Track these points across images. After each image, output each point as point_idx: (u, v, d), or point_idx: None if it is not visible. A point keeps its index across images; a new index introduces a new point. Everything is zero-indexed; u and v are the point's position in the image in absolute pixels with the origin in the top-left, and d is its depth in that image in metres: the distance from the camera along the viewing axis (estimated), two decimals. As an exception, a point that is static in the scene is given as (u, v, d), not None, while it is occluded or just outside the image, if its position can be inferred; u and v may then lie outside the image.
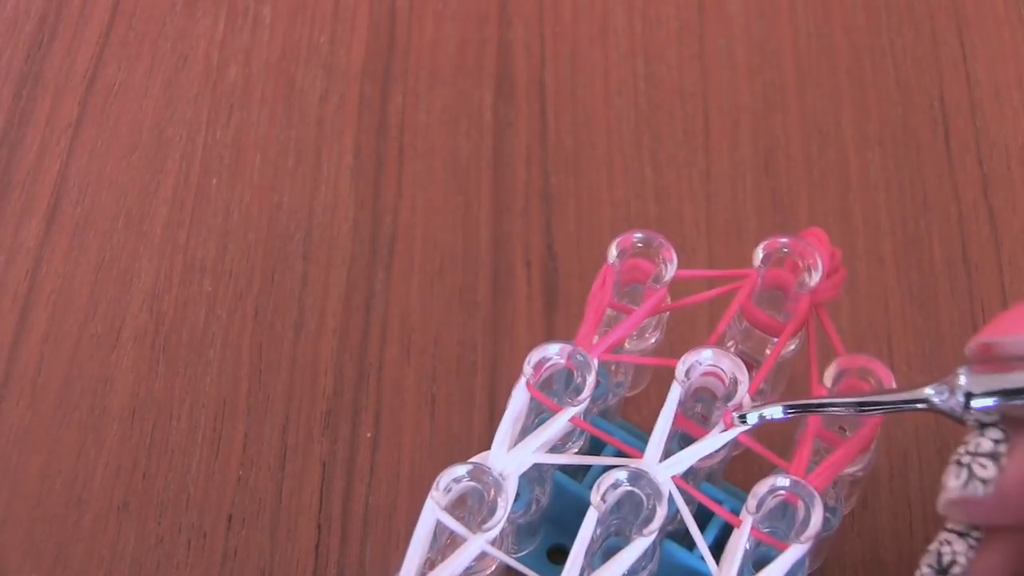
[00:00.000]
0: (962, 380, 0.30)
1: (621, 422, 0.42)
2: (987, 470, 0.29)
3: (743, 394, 0.33)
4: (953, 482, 0.29)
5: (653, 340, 0.39)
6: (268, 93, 0.53)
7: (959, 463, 0.30)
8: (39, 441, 0.45)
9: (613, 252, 0.36)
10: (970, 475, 0.29)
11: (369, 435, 0.45)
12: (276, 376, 0.46)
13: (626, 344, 0.39)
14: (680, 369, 0.34)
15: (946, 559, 0.30)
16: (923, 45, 0.54)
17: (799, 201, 0.50)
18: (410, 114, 0.52)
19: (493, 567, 0.33)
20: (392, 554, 0.43)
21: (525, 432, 0.34)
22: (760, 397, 0.40)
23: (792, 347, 0.38)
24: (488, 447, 0.34)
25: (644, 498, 0.32)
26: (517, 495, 0.35)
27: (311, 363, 0.46)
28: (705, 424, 0.36)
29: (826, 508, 0.33)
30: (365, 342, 0.47)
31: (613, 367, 0.39)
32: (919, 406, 0.31)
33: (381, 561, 0.42)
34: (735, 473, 0.42)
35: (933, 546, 0.30)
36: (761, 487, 0.32)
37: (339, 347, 0.47)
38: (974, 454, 0.29)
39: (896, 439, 0.44)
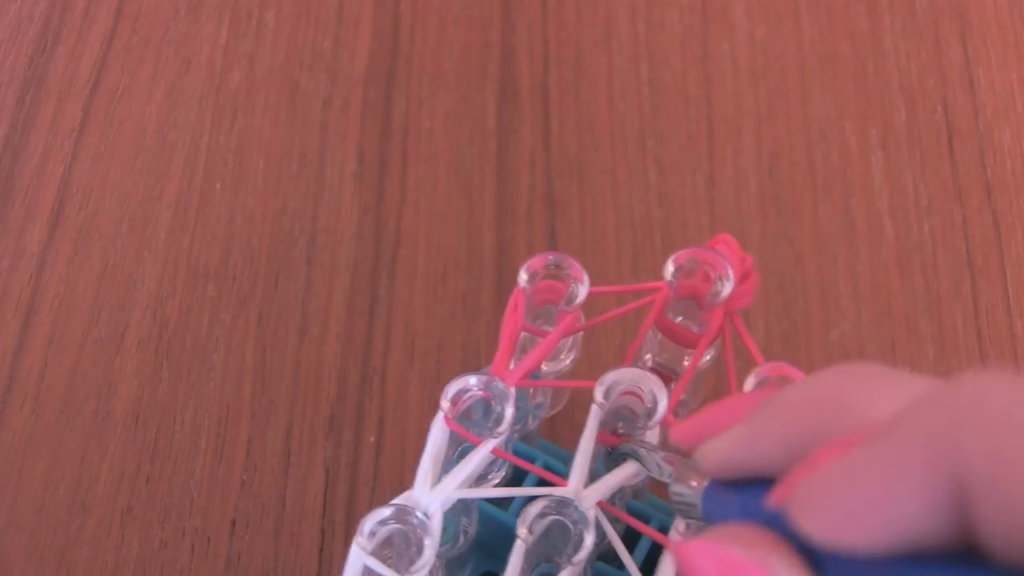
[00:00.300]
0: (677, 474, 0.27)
1: (543, 443, 0.42)
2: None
3: (663, 411, 0.33)
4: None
5: (569, 360, 0.39)
6: (271, 98, 0.53)
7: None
8: (43, 446, 0.45)
9: (523, 276, 0.36)
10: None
11: (373, 440, 0.45)
12: (280, 381, 0.46)
13: (543, 367, 0.38)
14: (598, 392, 0.33)
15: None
16: (926, 50, 0.54)
17: (803, 206, 0.50)
18: (414, 119, 0.52)
19: None
20: (396, 559, 0.43)
21: (448, 463, 0.34)
22: (681, 409, 0.40)
23: (708, 357, 0.38)
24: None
25: (571, 526, 0.32)
26: (444, 529, 0.34)
27: (315, 368, 0.46)
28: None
29: None
30: (369, 347, 0.47)
31: (531, 390, 0.39)
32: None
33: (385, 566, 0.42)
34: (661, 486, 0.42)
35: None
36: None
37: (343, 352, 0.47)
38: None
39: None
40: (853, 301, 0.47)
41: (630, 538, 0.34)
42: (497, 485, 0.35)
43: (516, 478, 0.37)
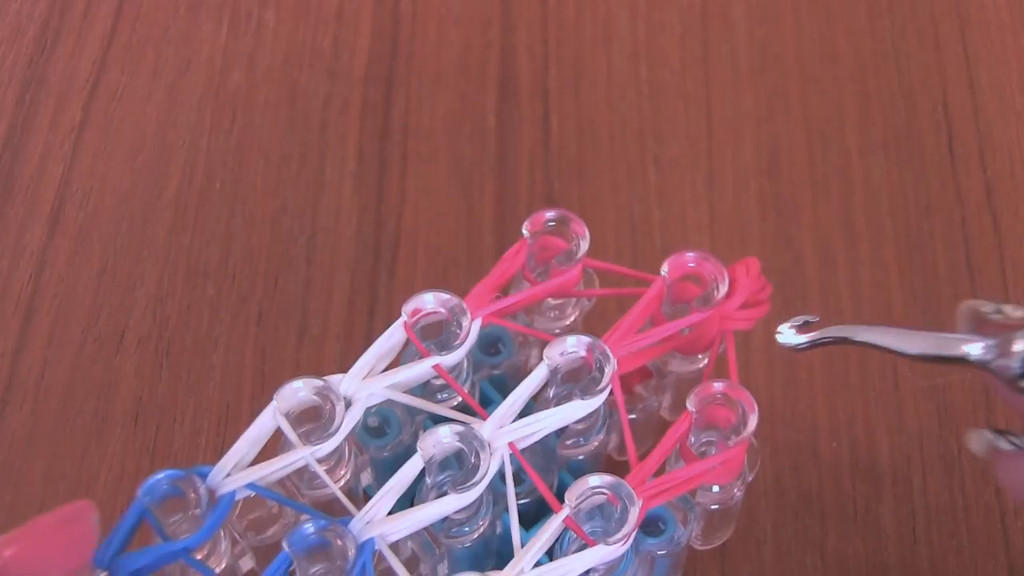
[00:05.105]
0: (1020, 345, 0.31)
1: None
2: None
3: (611, 375, 0.33)
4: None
5: (570, 320, 0.39)
6: (271, 97, 0.53)
7: None
8: (42, 446, 0.45)
9: (526, 230, 0.36)
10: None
11: (372, 440, 0.45)
12: (279, 380, 0.45)
13: (543, 323, 0.39)
14: (553, 351, 0.33)
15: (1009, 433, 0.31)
16: (926, 49, 0.54)
17: (802, 206, 0.50)
18: (413, 118, 0.52)
19: None
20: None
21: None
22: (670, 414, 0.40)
23: (701, 365, 0.38)
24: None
25: (471, 456, 0.32)
26: (385, 432, 0.36)
27: (315, 367, 0.46)
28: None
29: (667, 523, 0.34)
30: (368, 347, 0.47)
31: (520, 337, 0.39)
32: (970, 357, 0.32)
33: (384, 566, 0.42)
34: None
35: None
36: (581, 483, 0.31)
37: (342, 352, 0.47)
38: None
39: (898, 444, 0.44)
40: (853, 301, 0.47)
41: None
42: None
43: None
